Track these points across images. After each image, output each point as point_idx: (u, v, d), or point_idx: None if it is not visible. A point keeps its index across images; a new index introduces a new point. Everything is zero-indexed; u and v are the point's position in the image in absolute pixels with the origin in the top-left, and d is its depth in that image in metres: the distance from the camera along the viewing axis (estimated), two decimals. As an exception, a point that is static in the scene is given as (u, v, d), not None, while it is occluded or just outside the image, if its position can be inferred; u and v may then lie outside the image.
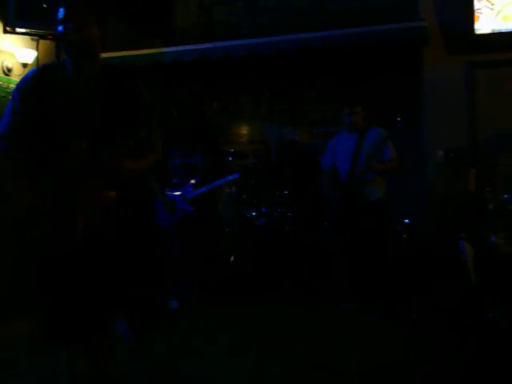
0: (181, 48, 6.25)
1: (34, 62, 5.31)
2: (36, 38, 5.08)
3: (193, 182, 4.94)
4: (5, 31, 5.06)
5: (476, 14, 5.52)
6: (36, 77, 2.37)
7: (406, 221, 5.49)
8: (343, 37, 5.79)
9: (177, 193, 4.92)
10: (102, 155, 2.18)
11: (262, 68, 6.48)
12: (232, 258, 5.43)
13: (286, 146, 6.86)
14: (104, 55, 2.45)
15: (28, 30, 5.07)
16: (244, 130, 7.35)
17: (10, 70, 5.23)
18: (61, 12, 2.28)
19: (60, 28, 2.27)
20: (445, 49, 5.81)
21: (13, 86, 5.24)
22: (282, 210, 5.76)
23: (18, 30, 5.05)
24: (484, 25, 5.53)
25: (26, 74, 2.40)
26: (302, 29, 5.99)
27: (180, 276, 4.92)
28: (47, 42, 5.07)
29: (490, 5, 5.50)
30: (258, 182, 5.91)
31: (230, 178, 4.92)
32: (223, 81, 6.83)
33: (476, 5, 5.53)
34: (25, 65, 5.32)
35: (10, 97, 5.12)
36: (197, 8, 6.81)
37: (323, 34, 5.85)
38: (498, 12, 5.51)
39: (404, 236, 5.38)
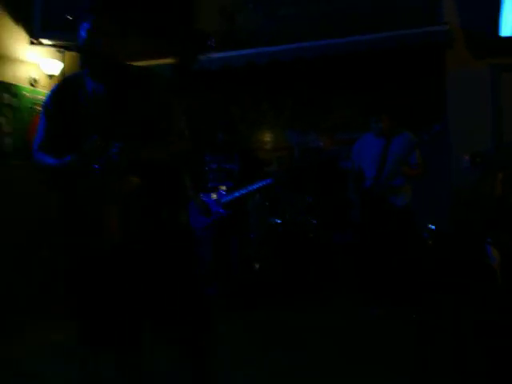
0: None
1: (60, 73, 5.39)
2: (62, 49, 5.16)
3: (226, 187, 5.00)
4: (31, 43, 5.17)
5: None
6: (57, 91, 2.48)
7: (432, 227, 5.43)
8: (365, 42, 5.77)
9: (211, 196, 4.98)
10: (113, 147, 2.20)
11: (284, 75, 6.49)
12: (257, 265, 5.42)
13: (310, 153, 6.85)
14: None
15: (53, 42, 5.17)
16: (267, 137, 7.36)
17: (36, 82, 5.32)
18: (85, 25, 2.30)
19: (83, 39, 2.30)
20: (469, 52, 5.74)
21: (39, 97, 5.34)
22: (306, 216, 5.74)
23: (44, 41, 5.16)
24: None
25: (50, 90, 2.51)
26: (323, 35, 5.99)
27: (208, 280, 4.95)
28: (73, 53, 5.15)
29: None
30: (281, 188, 5.90)
31: (263, 183, 4.96)
32: (245, 88, 6.85)
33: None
34: (51, 76, 5.40)
35: (37, 107, 5.29)
36: (218, 16, 6.85)
37: (344, 40, 5.84)
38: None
39: (430, 242, 5.32)
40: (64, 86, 2.48)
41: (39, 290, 4.74)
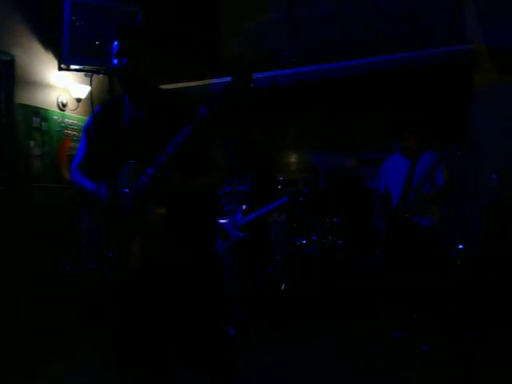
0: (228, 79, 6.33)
1: (87, 96, 5.49)
2: (89, 73, 5.26)
3: (243, 208, 4.95)
4: (60, 68, 5.29)
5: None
6: (97, 114, 2.50)
7: (461, 246, 5.33)
8: (389, 63, 5.77)
9: (227, 220, 4.94)
10: (147, 171, 2.20)
11: (308, 96, 6.50)
12: (283, 286, 5.36)
13: (335, 173, 6.83)
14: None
15: (82, 67, 5.28)
16: (292, 158, 7.37)
17: (64, 106, 5.43)
18: (114, 46, 2.34)
19: (115, 62, 2.34)
20: (495, 69, 5.69)
21: (67, 120, 5.45)
22: (332, 237, 5.69)
23: (72, 67, 5.27)
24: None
25: (91, 113, 2.52)
26: (347, 56, 6.00)
27: (234, 303, 4.91)
28: (100, 76, 5.25)
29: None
30: (307, 209, 5.86)
31: (279, 202, 4.90)
32: (269, 110, 6.87)
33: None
34: (79, 100, 5.51)
35: (66, 131, 5.35)
36: (243, 39, 6.92)
37: (369, 60, 5.85)
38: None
39: (458, 262, 5.22)
40: (104, 110, 2.51)
41: (69, 314, 4.73)
